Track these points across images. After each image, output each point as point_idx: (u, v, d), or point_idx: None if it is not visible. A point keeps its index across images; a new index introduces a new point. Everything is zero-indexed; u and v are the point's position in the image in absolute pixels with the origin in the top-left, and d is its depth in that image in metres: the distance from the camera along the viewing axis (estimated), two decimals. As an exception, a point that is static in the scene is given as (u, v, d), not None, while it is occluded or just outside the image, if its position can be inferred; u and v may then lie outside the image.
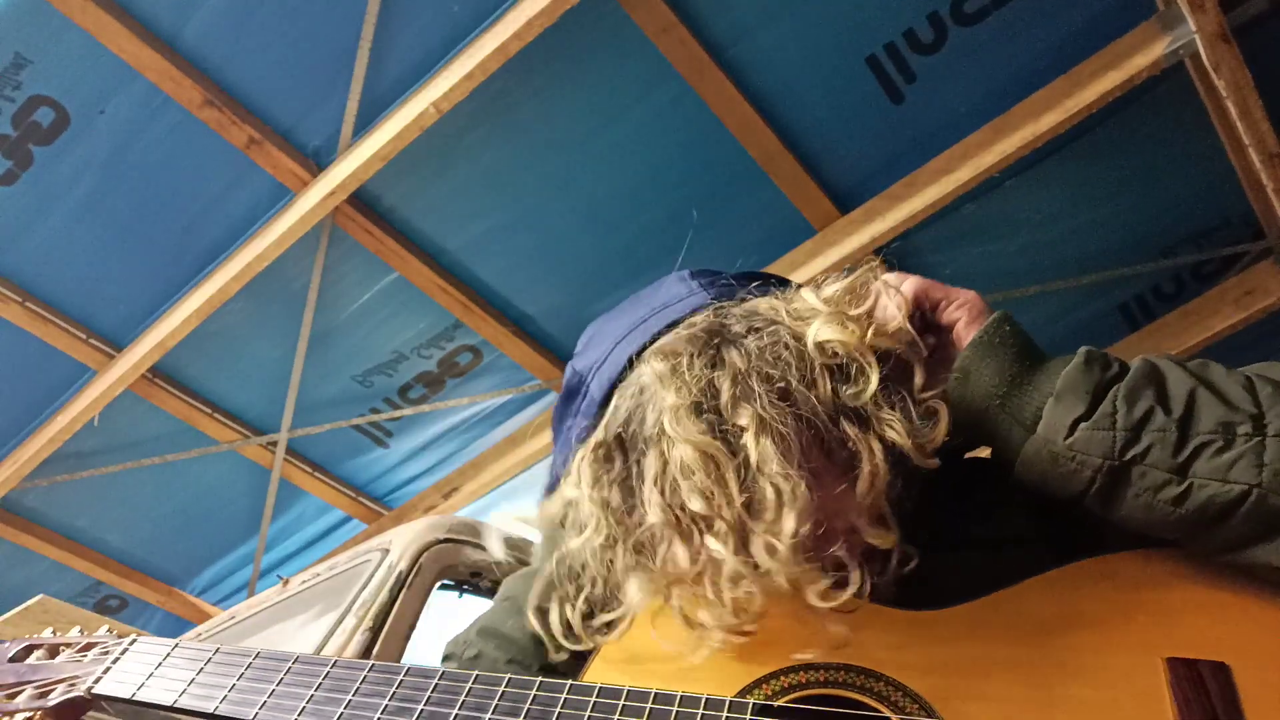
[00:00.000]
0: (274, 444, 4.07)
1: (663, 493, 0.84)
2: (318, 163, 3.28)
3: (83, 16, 2.87)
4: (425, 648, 1.87)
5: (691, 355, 0.88)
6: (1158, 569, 0.89)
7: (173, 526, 4.53)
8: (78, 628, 1.20)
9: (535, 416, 4.08)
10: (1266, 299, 3.45)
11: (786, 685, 0.88)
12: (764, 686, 0.88)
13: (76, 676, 1.08)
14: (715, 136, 3.15)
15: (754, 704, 0.85)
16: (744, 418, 0.82)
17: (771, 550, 0.80)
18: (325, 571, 2.17)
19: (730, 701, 0.85)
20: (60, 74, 3.03)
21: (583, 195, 3.37)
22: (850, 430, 0.85)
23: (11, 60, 2.97)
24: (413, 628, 1.92)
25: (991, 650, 0.87)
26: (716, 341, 0.89)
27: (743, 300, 0.96)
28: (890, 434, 0.86)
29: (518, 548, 2.10)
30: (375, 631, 1.84)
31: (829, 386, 0.86)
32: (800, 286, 0.99)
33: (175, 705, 1.00)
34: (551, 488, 0.99)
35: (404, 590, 1.90)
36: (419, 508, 4.38)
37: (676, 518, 0.83)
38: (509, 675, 0.92)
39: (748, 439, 0.82)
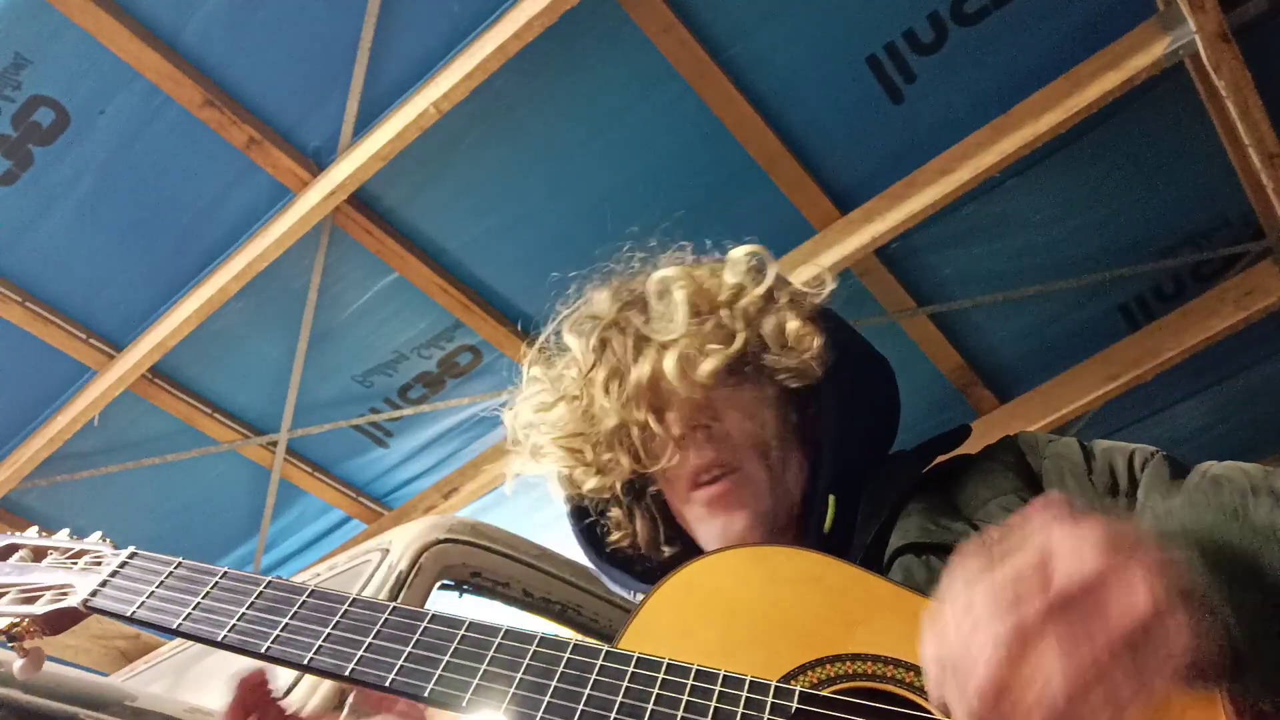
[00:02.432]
0: (274, 444, 4.07)
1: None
2: (318, 163, 3.28)
3: (83, 16, 2.87)
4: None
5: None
6: None
7: (173, 526, 4.53)
8: (66, 530, 1.11)
9: (535, 416, 4.07)
10: (1266, 299, 3.45)
11: (833, 674, 0.85)
12: (810, 673, 0.85)
13: (68, 584, 0.99)
14: (715, 136, 3.15)
15: (800, 691, 0.82)
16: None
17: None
18: (325, 571, 2.17)
19: (775, 686, 0.82)
20: (60, 74, 3.03)
21: (583, 195, 3.37)
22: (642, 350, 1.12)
23: (11, 60, 2.97)
24: (413, 628, 1.91)
25: None
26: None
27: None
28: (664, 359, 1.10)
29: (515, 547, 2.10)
30: (375, 631, 1.84)
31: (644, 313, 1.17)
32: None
33: (178, 628, 0.92)
34: None
35: (404, 590, 1.90)
36: (419, 508, 4.37)
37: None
38: (540, 634, 0.88)
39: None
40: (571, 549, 1.13)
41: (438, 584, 1.98)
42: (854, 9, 2.91)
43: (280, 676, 0.97)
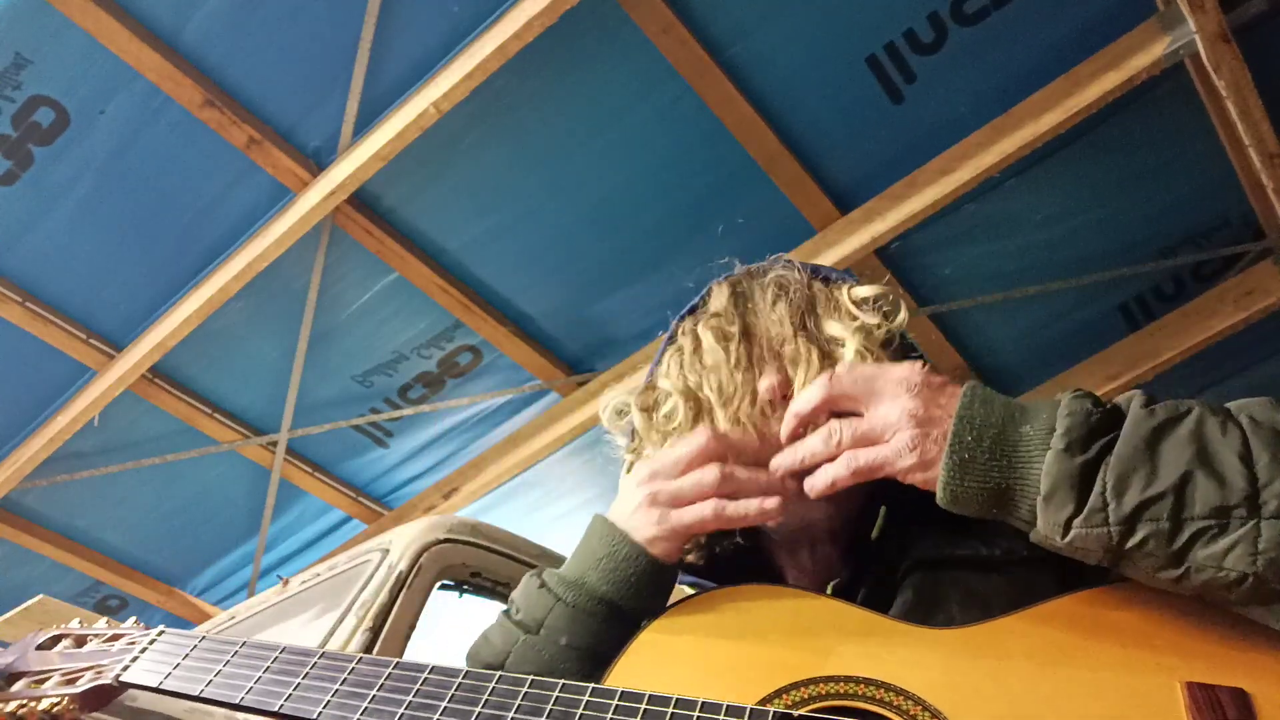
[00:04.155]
0: (274, 444, 4.07)
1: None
2: (318, 163, 3.28)
3: (83, 16, 2.87)
4: (425, 648, 1.86)
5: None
6: (1179, 595, 0.90)
7: (173, 526, 4.53)
8: (104, 619, 1.21)
9: (535, 416, 4.08)
10: (1266, 299, 3.45)
11: (807, 696, 0.88)
12: (784, 696, 0.89)
13: (103, 665, 1.09)
14: (715, 136, 3.15)
15: (775, 712, 0.86)
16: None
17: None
18: (325, 572, 2.17)
19: (751, 710, 0.86)
20: (60, 74, 3.03)
21: (583, 195, 3.37)
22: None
23: (11, 60, 2.98)
24: (413, 628, 1.91)
25: (1012, 667, 0.88)
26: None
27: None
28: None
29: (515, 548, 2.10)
30: (375, 632, 1.84)
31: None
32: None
33: (201, 695, 1.02)
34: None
35: (404, 590, 1.90)
36: (419, 508, 4.38)
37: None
38: (531, 676, 0.93)
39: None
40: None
41: (438, 584, 1.98)
42: (854, 9, 2.92)
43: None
